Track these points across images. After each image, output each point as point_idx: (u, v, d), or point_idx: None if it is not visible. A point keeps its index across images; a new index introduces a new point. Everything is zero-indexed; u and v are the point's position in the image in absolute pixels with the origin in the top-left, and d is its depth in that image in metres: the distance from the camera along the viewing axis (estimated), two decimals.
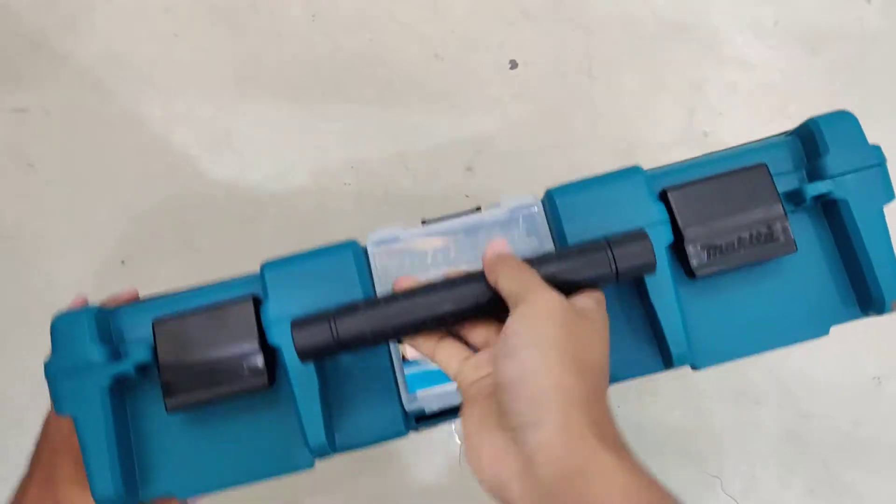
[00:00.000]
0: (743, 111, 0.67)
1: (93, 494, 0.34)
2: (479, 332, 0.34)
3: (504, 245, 0.34)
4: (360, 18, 0.66)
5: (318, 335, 0.33)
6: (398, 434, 0.38)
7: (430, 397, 0.39)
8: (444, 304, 0.34)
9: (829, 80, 0.66)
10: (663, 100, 0.66)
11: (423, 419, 0.40)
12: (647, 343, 0.37)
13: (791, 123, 0.69)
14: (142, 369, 0.37)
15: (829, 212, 0.38)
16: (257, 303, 0.37)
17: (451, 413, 0.40)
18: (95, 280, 0.66)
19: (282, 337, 0.36)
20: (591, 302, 0.33)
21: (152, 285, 0.68)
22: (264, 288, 0.37)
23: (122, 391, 0.37)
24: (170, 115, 0.55)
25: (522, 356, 0.29)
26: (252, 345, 0.36)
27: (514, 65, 0.66)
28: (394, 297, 0.34)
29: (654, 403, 0.66)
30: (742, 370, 0.64)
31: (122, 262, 0.66)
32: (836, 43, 0.66)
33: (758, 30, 0.66)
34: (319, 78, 0.65)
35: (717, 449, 0.66)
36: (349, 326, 0.33)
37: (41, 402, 0.69)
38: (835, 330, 0.69)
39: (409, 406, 0.39)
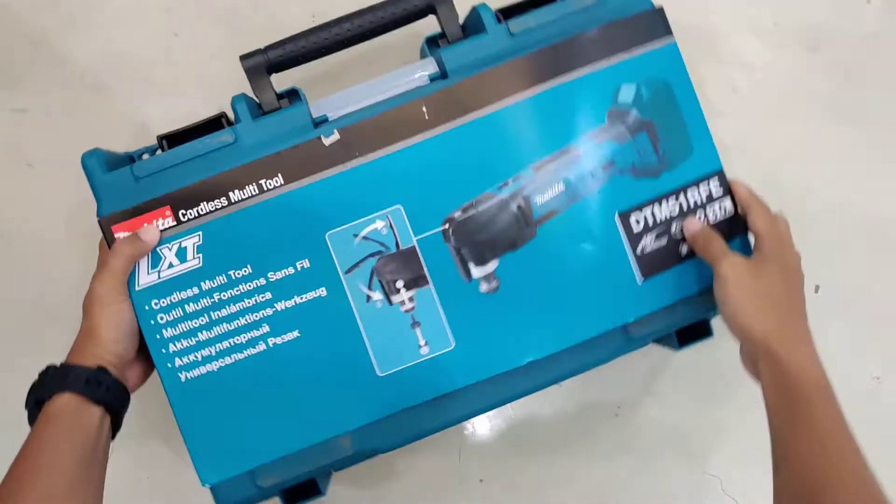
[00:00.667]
0: (743, 111, 0.67)
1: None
2: None
3: (697, 223, 0.52)
4: None
5: (256, 60, 0.53)
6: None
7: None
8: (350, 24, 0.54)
9: (829, 80, 0.66)
10: None
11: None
12: None
13: (791, 123, 0.70)
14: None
15: None
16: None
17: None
18: None
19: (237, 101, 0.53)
20: (773, 247, 0.48)
21: None
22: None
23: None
24: (170, 115, 0.55)
25: (726, 307, 0.47)
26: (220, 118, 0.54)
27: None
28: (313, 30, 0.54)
29: (654, 404, 0.66)
30: (742, 370, 0.64)
31: None
32: (836, 43, 0.66)
33: (757, 30, 0.66)
34: (319, 77, 0.65)
35: (717, 449, 0.66)
36: (279, 52, 0.53)
37: None
38: (835, 329, 0.69)
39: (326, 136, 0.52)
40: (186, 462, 0.66)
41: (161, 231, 0.50)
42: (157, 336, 0.50)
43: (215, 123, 0.54)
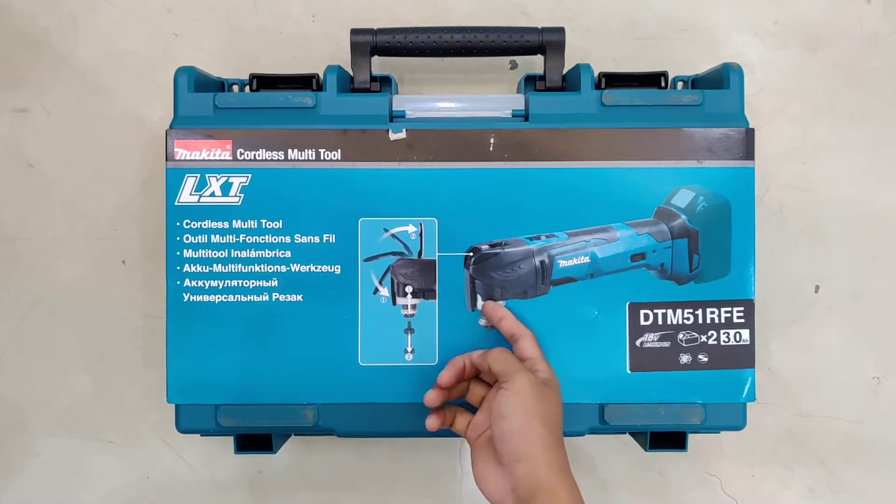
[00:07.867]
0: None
1: None
2: (476, 393, 0.51)
3: (496, 308, 0.52)
4: (361, 19, 0.66)
5: (364, 38, 0.56)
6: None
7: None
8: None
9: (829, 80, 0.66)
10: None
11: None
12: None
13: (791, 123, 0.70)
14: None
15: None
16: None
17: None
18: (95, 280, 0.66)
19: None
20: (549, 373, 0.48)
21: (153, 286, 0.68)
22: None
23: None
24: (170, 116, 0.55)
25: (511, 419, 0.44)
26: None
27: (513, 65, 0.67)
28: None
29: None
30: None
31: (123, 261, 0.66)
32: (836, 43, 0.66)
33: (757, 30, 0.66)
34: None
35: (717, 449, 0.66)
36: (387, 38, 0.56)
37: (41, 402, 0.70)
38: (835, 329, 0.69)
39: None
40: (187, 462, 0.67)
41: (215, 161, 0.53)
42: (178, 252, 0.53)
43: (306, 82, 0.57)
